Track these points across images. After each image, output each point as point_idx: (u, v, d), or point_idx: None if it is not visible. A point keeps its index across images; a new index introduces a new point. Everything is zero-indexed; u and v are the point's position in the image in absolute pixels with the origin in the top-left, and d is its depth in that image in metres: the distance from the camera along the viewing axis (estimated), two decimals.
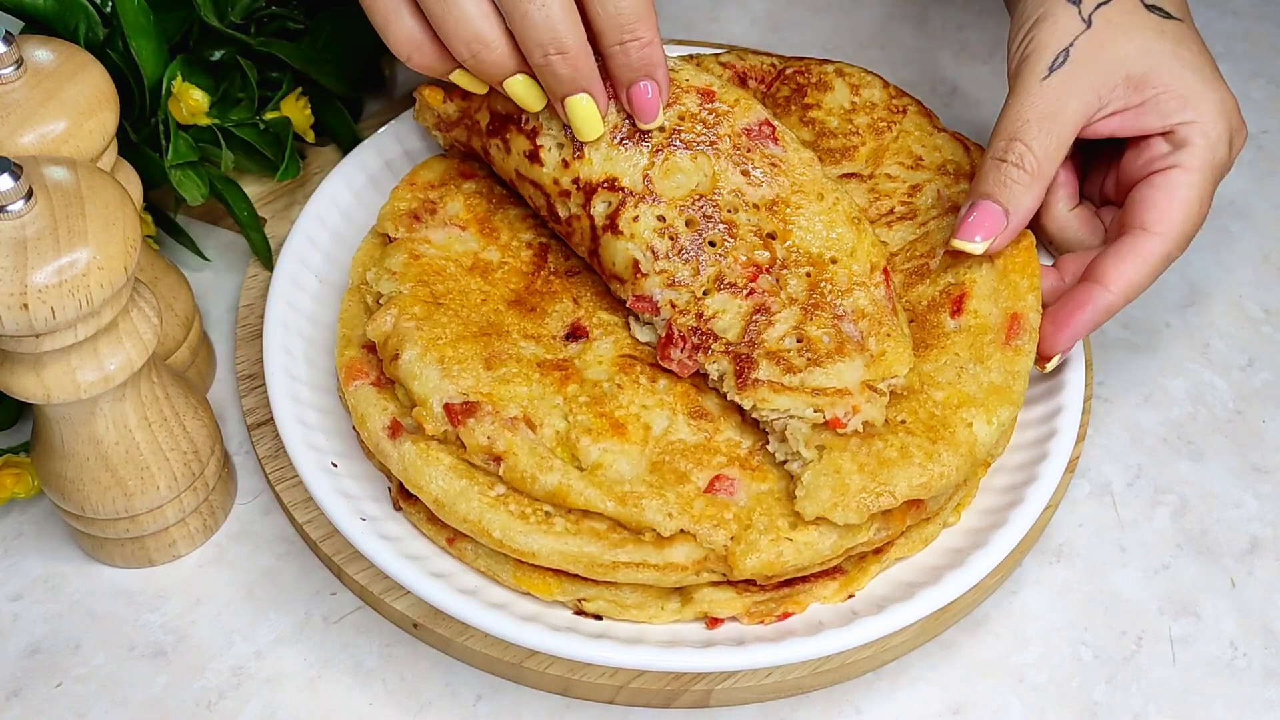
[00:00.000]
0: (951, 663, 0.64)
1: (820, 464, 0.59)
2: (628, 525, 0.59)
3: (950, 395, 0.62)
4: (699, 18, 0.94)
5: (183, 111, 0.71)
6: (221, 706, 0.61)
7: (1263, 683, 0.64)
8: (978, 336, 0.64)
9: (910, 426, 0.60)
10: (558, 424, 0.61)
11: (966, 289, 0.65)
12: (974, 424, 0.61)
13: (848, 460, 0.59)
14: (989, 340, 0.64)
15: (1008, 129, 0.64)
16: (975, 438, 0.60)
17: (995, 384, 0.62)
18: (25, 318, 0.52)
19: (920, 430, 0.60)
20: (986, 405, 0.61)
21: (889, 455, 0.59)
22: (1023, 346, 0.63)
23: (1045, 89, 0.64)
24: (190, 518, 0.65)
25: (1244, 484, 0.71)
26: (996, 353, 0.63)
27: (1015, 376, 0.63)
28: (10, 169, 0.51)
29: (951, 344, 0.64)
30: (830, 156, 0.73)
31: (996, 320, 0.64)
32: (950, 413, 0.61)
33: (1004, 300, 0.65)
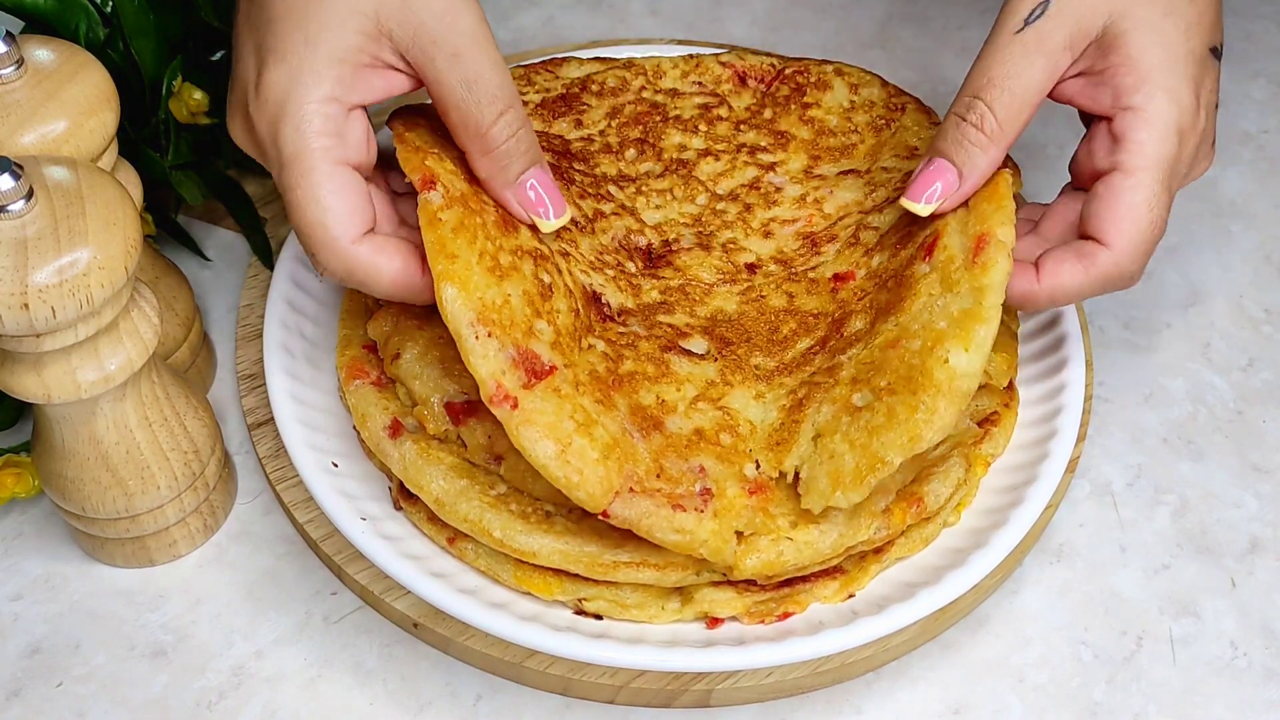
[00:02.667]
0: (952, 663, 0.64)
1: (816, 454, 0.58)
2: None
3: (925, 340, 0.58)
4: (699, 18, 0.94)
5: (183, 111, 0.71)
6: (222, 706, 0.61)
7: (1263, 683, 0.64)
8: (946, 268, 0.61)
9: (893, 386, 0.58)
10: None
11: (939, 231, 0.62)
12: (949, 358, 0.57)
13: (840, 442, 0.58)
14: (956, 267, 0.60)
15: (972, 85, 0.60)
16: (954, 370, 0.57)
17: (965, 308, 0.59)
18: (26, 317, 0.52)
19: (902, 386, 0.58)
20: (960, 334, 0.58)
21: (877, 423, 0.57)
22: (989, 260, 0.59)
23: (1015, 43, 0.59)
24: (191, 517, 0.65)
25: (1244, 484, 0.71)
26: (964, 274, 0.60)
27: (983, 291, 0.58)
28: (11, 169, 0.51)
29: (924, 286, 0.61)
30: (830, 155, 0.73)
31: (964, 247, 0.61)
32: (926, 355, 0.58)
33: (971, 228, 0.61)
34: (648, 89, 0.76)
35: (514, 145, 0.58)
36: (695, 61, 0.77)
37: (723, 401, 0.61)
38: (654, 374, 0.61)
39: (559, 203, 0.61)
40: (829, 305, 0.66)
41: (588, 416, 0.57)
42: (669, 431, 0.59)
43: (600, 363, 0.60)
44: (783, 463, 0.59)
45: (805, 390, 0.61)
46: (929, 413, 0.57)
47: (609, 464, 0.56)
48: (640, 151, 0.73)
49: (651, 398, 0.60)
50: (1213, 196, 0.85)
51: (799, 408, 0.60)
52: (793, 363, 0.63)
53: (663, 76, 0.77)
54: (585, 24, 0.94)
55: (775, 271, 0.68)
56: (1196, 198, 0.84)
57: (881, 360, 0.59)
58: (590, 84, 0.75)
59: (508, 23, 0.93)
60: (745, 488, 0.58)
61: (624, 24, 0.94)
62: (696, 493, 0.57)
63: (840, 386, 0.60)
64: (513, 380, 0.56)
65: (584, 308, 0.62)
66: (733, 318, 0.66)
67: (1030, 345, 0.70)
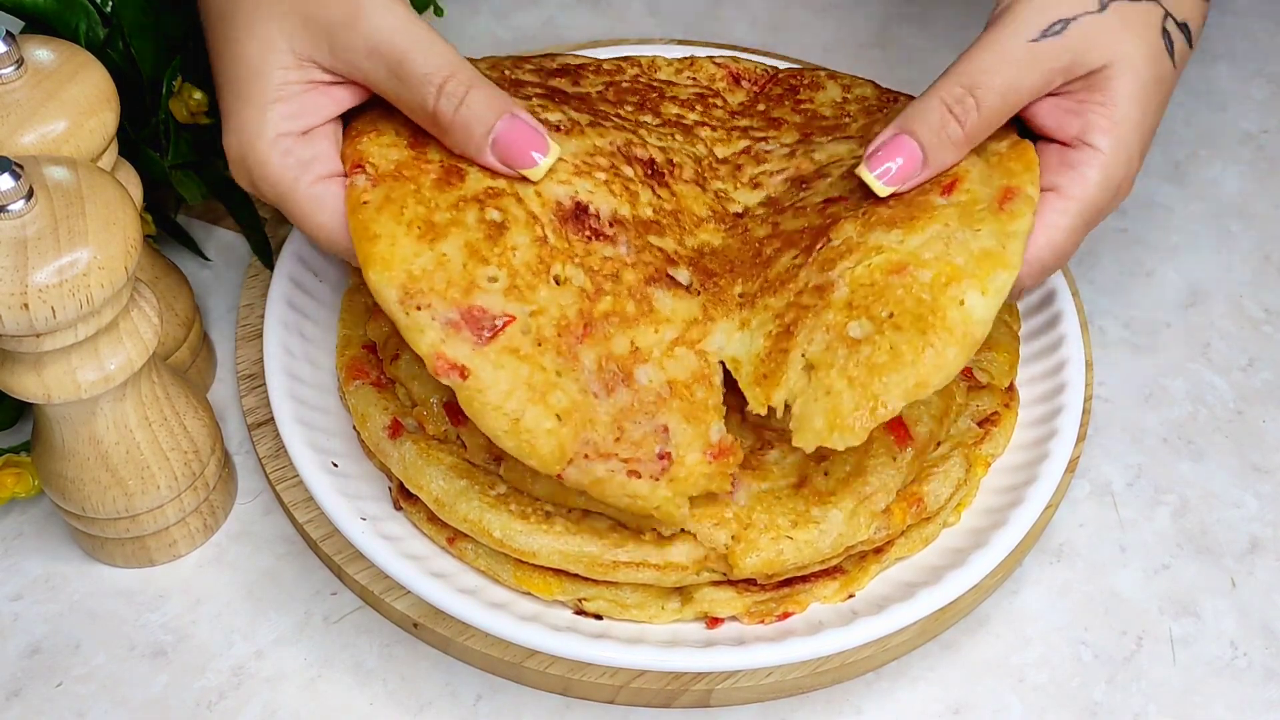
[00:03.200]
0: (952, 663, 0.64)
1: (810, 389, 0.55)
2: (628, 524, 0.59)
3: (938, 273, 0.55)
4: (699, 18, 0.94)
5: (183, 111, 0.71)
6: (222, 706, 0.61)
7: (1263, 683, 0.64)
8: (969, 207, 0.58)
9: (898, 319, 0.54)
10: None
11: (958, 176, 0.59)
12: (965, 299, 0.54)
13: (837, 377, 0.54)
14: (981, 208, 0.57)
15: (969, 75, 0.58)
16: (970, 315, 0.54)
17: (987, 249, 0.56)
18: (25, 317, 0.52)
19: (909, 322, 0.54)
20: (978, 274, 0.55)
21: (878, 360, 0.54)
22: (1018, 210, 0.57)
23: (1026, 53, 0.58)
24: (190, 517, 0.65)
25: (1244, 484, 0.71)
26: (989, 217, 0.57)
27: (1010, 237, 0.56)
28: (10, 169, 0.51)
29: (940, 214, 0.57)
30: (822, 131, 0.70)
31: (990, 195, 0.58)
32: (939, 292, 0.55)
33: (996, 181, 0.58)
34: (644, 77, 0.75)
35: (466, 113, 0.56)
36: (690, 60, 0.76)
37: (703, 344, 0.58)
38: (633, 314, 0.58)
39: (538, 142, 0.57)
40: (816, 218, 0.61)
41: (545, 380, 0.55)
42: (637, 385, 0.56)
43: (574, 303, 0.57)
44: (771, 397, 0.56)
45: (793, 314, 0.57)
46: (937, 357, 0.54)
47: (564, 431, 0.54)
48: (639, 108, 0.70)
49: (625, 344, 0.57)
50: (1213, 196, 0.85)
51: (787, 334, 0.56)
52: (777, 280, 0.59)
53: (658, 70, 0.76)
54: (585, 24, 0.94)
55: (761, 212, 0.64)
56: (1196, 197, 0.84)
57: (884, 286, 0.56)
58: (586, 66, 0.74)
59: (507, 22, 0.93)
60: (707, 452, 0.56)
61: (624, 24, 0.94)
62: (655, 456, 0.55)
63: (833, 310, 0.56)
64: (459, 347, 0.54)
65: (559, 229, 0.59)
66: (716, 250, 0.62)
67: (1030, 345, 0.70)
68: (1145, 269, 0.80)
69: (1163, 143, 0.88)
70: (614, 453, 0.55)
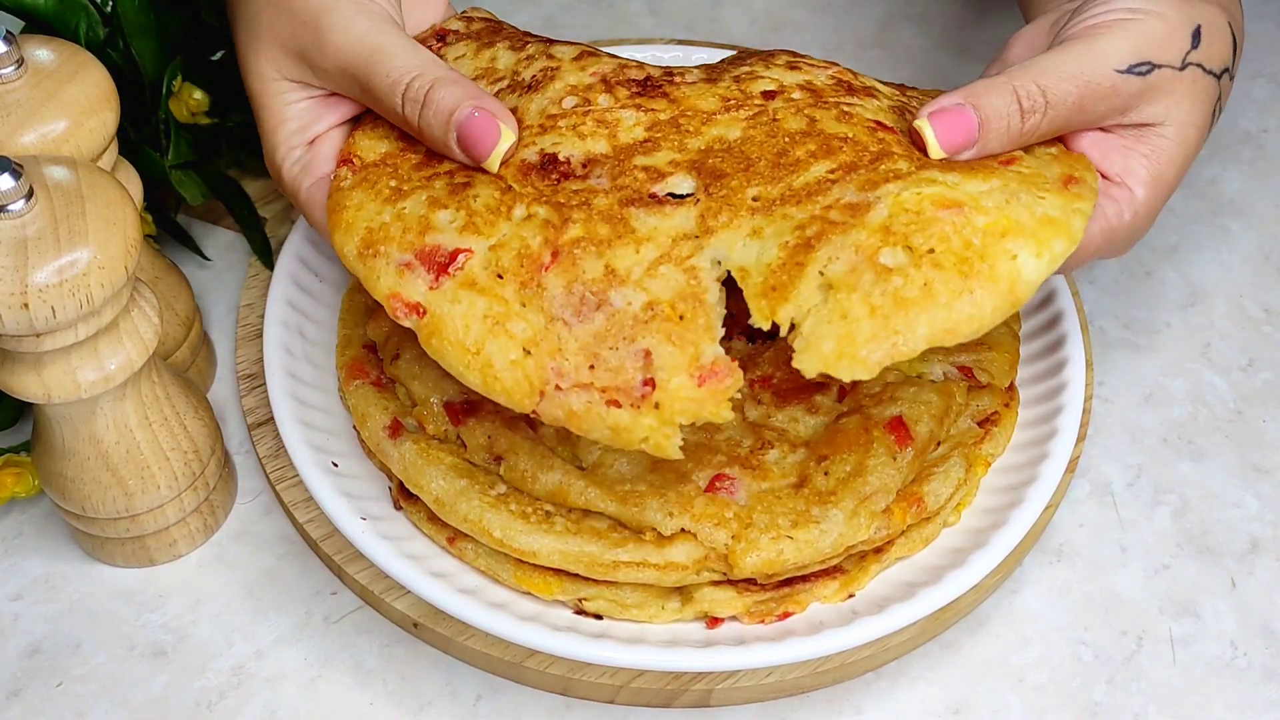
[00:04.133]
0: (952, 663, 0.64)
1: (824, 308, 0.50)
2: (628, 524, 0.59)
3: (995, 221, 0.51)
4: (699, 17, 0.94)
5: (183, 111, 0.71)
6: (222, 706, 0.61)
7: (1263, 683, 0.64)
8: (1032, 179, 0.54)
9: (939, 257, 0.50)
10: None
11: (1014, 156, 0.56)
12: (1019, 255, 0.50)
13: (857, 303, 0.50)
14: (1045, 182, 0.54)
15: (1047, 77, 0.56)
16: (1019, 272, 0.50)
17: (1050, 215, 0.52)
18: (26, 317, 0.52)
19: (951, 263, 0.50)
20: (1038, 235, 0.51)
21: (908, 294, 0.50)
22: (1083, 194, 0.54)
23: (1108, 81, 0.57)
24: (191, 517, 0.65)
25: (1244, 484, 0.71)
26: (1055, 191, 0.53)
27: (1076, 213, 0.52)
28: (11, 168, 0.51)
29: (1000, 176, 0.53)
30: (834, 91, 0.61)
31: (1053, 175, 0.55)
32: (991, 241, 0.50)
33: (1056, 169, 0.56)
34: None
35: (428, 113, 0.57)
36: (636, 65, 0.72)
37: (692, 260, 0.53)
38: (607, 236, 0.54)
39: (492, 131, 0.56)
40: (865, 137, 0.55)
41: (506, 311, 0.52)
42: (613, 309, 0.52)
43: (537, 233, 0.54)
44: (777, 311, 0.51)
45: (818, 228, 0.51)
46: (974, 307, 0.50)
47: (530, 362, 0.51)
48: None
49: (599, 268, 0.53)
50: (1213, 196, 0.85)
51: (807, 248, 0.51)
52: (803, 190, 0.53)
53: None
54: (585, 24, 0.94)
55: (800, 98, 0.57)
56: (1196, 197, 0.84)
57: (930, 219, 0.51)
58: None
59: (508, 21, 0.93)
60: (697, 375, 0.51)
61: (624, 24, 0.94)
62: (638, 383, 0.51)
63: (866, 231, 0.51)
64: (413, 286, 0.53)
65: (523, 179, 0.56)
66: (732, 145, 0.56)
67: (1030, 345, 0.70)
68: (1145, 269, 0.80)
69: None
70: (589, 382, 0.51)
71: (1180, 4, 0.59)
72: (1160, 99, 0.58)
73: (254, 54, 0.60)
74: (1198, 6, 0.59)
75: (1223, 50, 0.60)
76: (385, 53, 0.57)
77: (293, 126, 0.60)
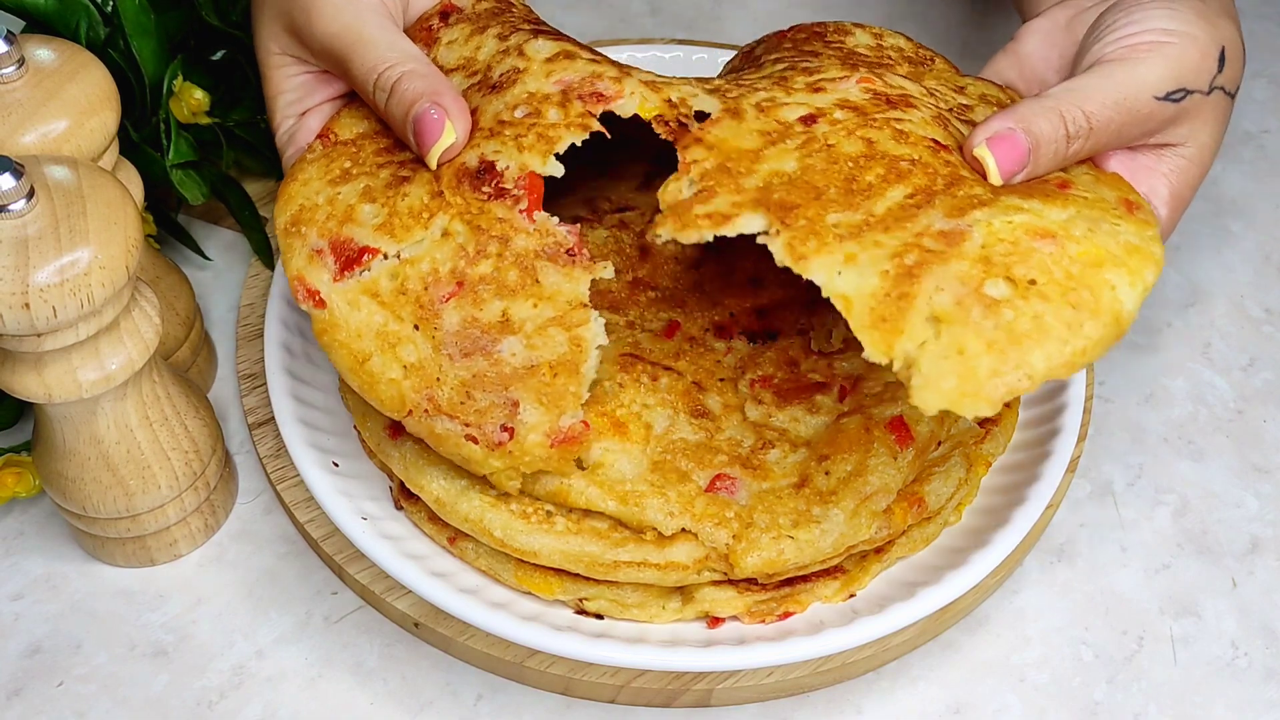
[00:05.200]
0: (952, 662, 0.64)
1: (939, 343, 0.49)
2: (629, 524, 0.59)
3: (1087, 250, 0.51)
4: (699, 17, 0.94)
5: (184, 111, 0.71)
6: (222, 706, 0.61)
7: (1263, 683, 0.64)
8: (1098, 204, 0.54)
9: (1043, 289, 0.50)
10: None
11: (1068, 180, 0.56)
12: (1118, 286, 0.50)
13: (972, 337, 0.49)
14: (1110, 207, 0.54)
15: (1091, 103, 0.56)
16: (1120, 303, 0.50)
17: (1132, 243, 0.52)
18: (27, 317, 0.52)
19: (1056, 294, 0.50)
20: (1129, 265, 0.51)
21: (1022, 327, 0.49)
22: (1149, 219, 0.53)
23: (1147, 107, 0.58)
24: (191, 517, 0.65)
25: (1245, 484, 0.71)
26: (1127, 216, 0.53)
27: (1153, 241, 0.52)
28: (12, 168, 0.51)
29: (1075, 201, 0.53)
30: (869, 66, 0.63)
31: (1113, 198, 0.55)
32: (1089, 272, 0.50)
33: (1110, 191, 0.56)
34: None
35: (392, 103, 0.59)
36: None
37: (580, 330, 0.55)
38: (513, 283, 0.56)
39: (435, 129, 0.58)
40: (930, 158, 0.55)
41: (398, 333, 0.55)
42: (497, 356, 0.55)
43: (449, 259, 0.56)
44: (893, 347, 0.49)
45: (917, 255, 0.51)
46: (1087, 340, 0.49)
47: (407, 384, 0.55)
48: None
49: (496, 312, 0.56)
50: (1213, 196, 0.85)
51: (910, 277, 0.50)
52: (888, 216, 0.52)
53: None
54: (585, 24, 0.94)
55: (844, 118, 0.56)
56: (1197, 197, 0.84)
57: (1027, 249, 0.51)
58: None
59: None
60: (552, 437, 0.55)
61: (624, 24, 0.94)
62: (498, 427, 0.55)
63: (966, 263, 0.50)
64: (318, 274, 0.56)
65: (456, 185, 0.57)
66: (792, 177, 0.54)
67: None
68: None
69: None
70: (457, 415, 0.55)
71: (1207, 26, 0.59)
72: (1187, 122, 0.59)
73: (261, 28, 0.63)
74: (1222, 27, 0.60)
75: (1239, 71, 0.61)
76: (365, 41, 0.60)
77: (289, 98, 0.63)
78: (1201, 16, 0.59)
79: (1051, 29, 0.64)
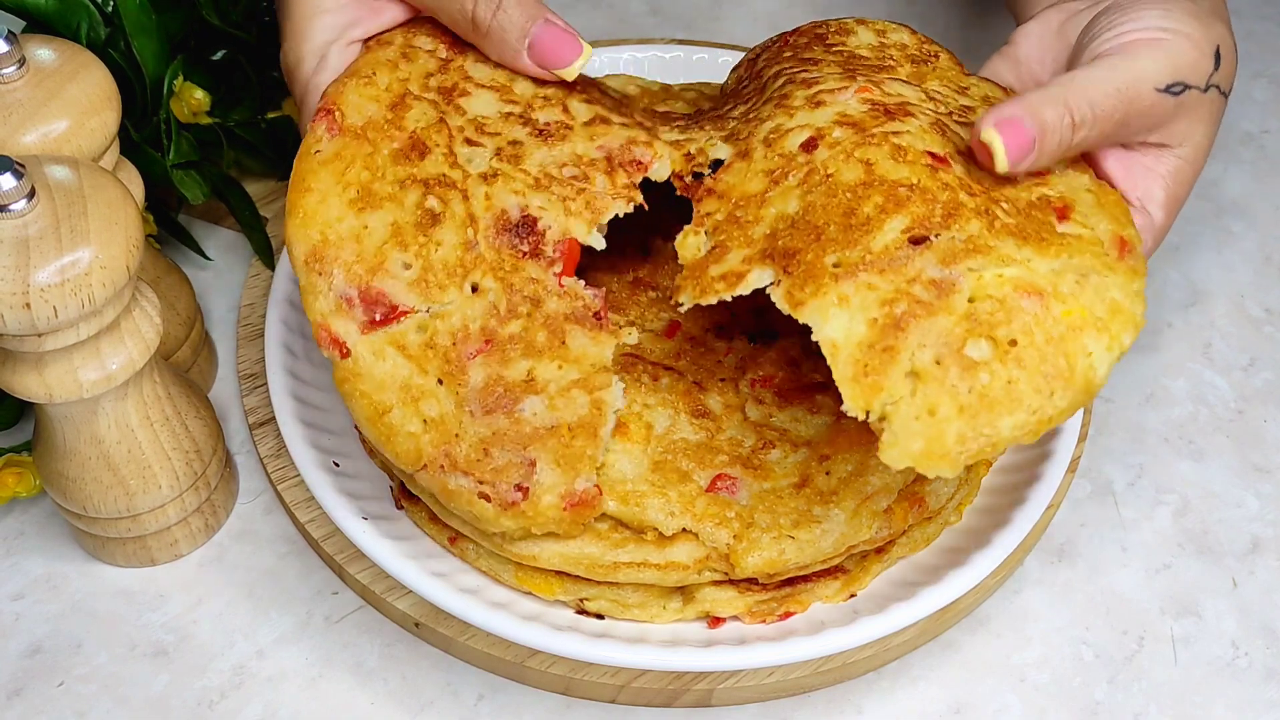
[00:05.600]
0: (953, 662, 0.64)
1: (913, 402, 0.50)
2: (630, 524, 0.59)
3: (1072, 311, 0.51)
4: (699, 17, 0.94)
5: (184, 111, 0.71)
6: (223, 706, 0.61)
7: (1264, 683, 0.64)
8: (1093, 247, 0.54)
9: (1021, 354, 0.50)
10: None
11: (1069, 203, 0.56)
12: (1094, 353, 0.51)
13: (946, 400, 0.50)
14: (1104, 249, 0.54)
15: (1094, 96, 0.56)
16: (1094, 372, 0.51)
17: (1118, 302, 0.52)
18: (27, 317, 0.52)
19: (1033, 360, 0.51)
20: (1111, 327, 0.52)
21: (994, 393, 0.50)
22: (1139, 269, 0.54)
23: (1148, 100, 0.57)
24: (192, 517, 0.65)
25: (1245, 484, 0.71)
26: (1117, 266, 0.54)
27: (1137, 298, 0.53)
28: (12, 168, 0.51)
29: (1068, 244, 0.54)
30: (867, 70, 0.62)
31: (1107, 235, 0.55)
32: (1070, 336, 0.51)
33: (1106, 223, 0.56)
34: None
35: (503, 17, 0.58)
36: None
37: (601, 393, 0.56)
38: (541, 345, 0.56)
39: (572, 44, 0.58)
40: (928, 180, 0.54)
41: (422, 387, 0.55)
42: (519, 415, 0.55)
43: (480, 317, 0.56)
44: (871, 402, 0.51)
45: (905, 306, 0.51)
46: (1054, 408, 0.51)
47: (425, 439, 0.54)
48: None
49: (522, 371, 0.55)
50: (1213, 196, 0.85)
51: (897, 329, 0.51)
52: (884, 255, 0.53)
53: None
54: (585, 24, 0.93)
55: (843, 137, 0.56)
56: (1197, 197, 0.84)
57: (1013, 307, 0.51)
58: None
59: None
60: (566, 500, 0.55)
61: (624, 23, 0.94)
62: (513, 486, 0.55)
63: (953, 319, 0.51)
64: (346, 325, 0.55)
65: (493, 239, 0.57)
66: (795, 219, 0.55)
67: None
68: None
69: None
70: (472, 472, 0.55)
71: (1202, 25, 0.59)
72: (1184, 119, 0.59)
73: None
74: (1215, 27, 0.60)
75: (1233, 70, 0.61)
76: None
77: (334, 21, 0.60)
78: (1195, 16, 0.59)
79: (1044, 32, 0.64)
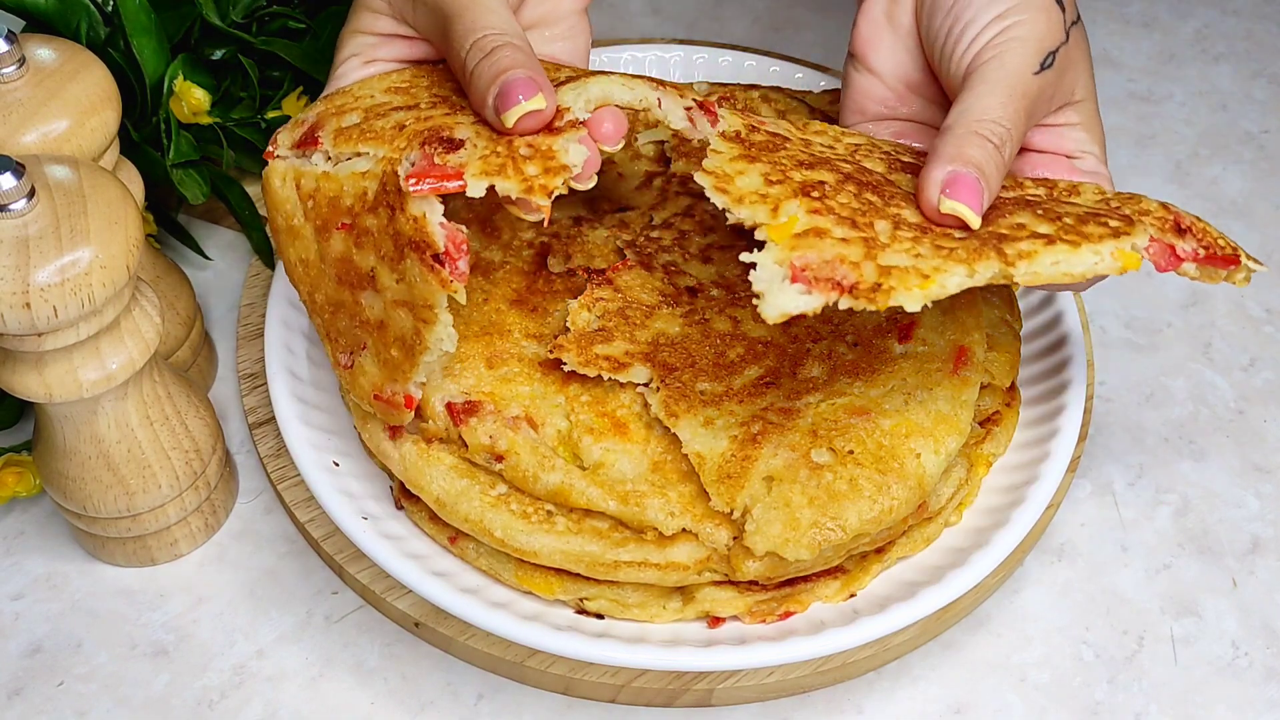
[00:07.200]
0: (953, 662, 0.64)
1: (770, 497, 0.58)
2: (630, 524, 0.59)
3: (898, 424, 0.60)
4: (700, 17, 0.94)
5: (184, 110, 0.71)
6: (223, 705, 0.61)
7: (1264, 682, 0.64)
8: (925, 364, 0.62)
9: (859, 457, 0.59)
10: (559, 423, 0.61)
11: (914, 320, 0.64)
12: (922, 455, 0.59)
13: (797, 494, 0.58)
14: (936, 368, 0.62)
15: (992, 108, 0.58)
16: (924, 469, 0.59)
17: (943, 413, 0.61)
18: (28, 317, 0.52)
19: (869, 461, 0.59)
20: (935, 435, 0.60)
21: (839, 488, 0.58)
22: (970, 378, 0.62)
23: (1035, 85, 0.60)
24: (192, 517, 0.65)
25: (1245, 484, 0.71)
26: (945, 380, 0.62)
27: (962, 405, 0.61)
28: (12, 168, 0.51)
29: (899, 369, 0.62)
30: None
31: (943, 350, 0.63)
32: (899, 442, 0.59)
33: (950, 333, 0.63)
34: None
35: (486, 64, 0.58)
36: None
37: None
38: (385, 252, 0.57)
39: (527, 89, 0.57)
40: (779, 336, 0.65)
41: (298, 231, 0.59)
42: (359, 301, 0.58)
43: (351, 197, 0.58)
44: (734, 500, 0.58)
45: (760, 426, 0.60)
46: (892, 499, 0.58)
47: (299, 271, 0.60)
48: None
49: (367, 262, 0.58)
50: (1214, 196, 0.85)
51: (754, 443, 0.60)
52: (743, 390, 0.62)
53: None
54: None
55: (717, 296, 0.66)
56: (1197, 197, 0.84)
57: (846, 426, 0.60)
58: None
59: None
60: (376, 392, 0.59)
61: (624, 23, 0.94)
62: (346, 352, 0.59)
63: (798, 434, 0.60)
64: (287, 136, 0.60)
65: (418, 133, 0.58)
66: (675, 340, 0.64)
67: (1032, 345, 0.70)
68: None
69: (1164, 142, 0.88)
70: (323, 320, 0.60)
71: None
72: (1068, 74, 0.62)
73: None
74: None
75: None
76: (481, 7, 0.60)
77: (365, 41, 0.64)
78: None
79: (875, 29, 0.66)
